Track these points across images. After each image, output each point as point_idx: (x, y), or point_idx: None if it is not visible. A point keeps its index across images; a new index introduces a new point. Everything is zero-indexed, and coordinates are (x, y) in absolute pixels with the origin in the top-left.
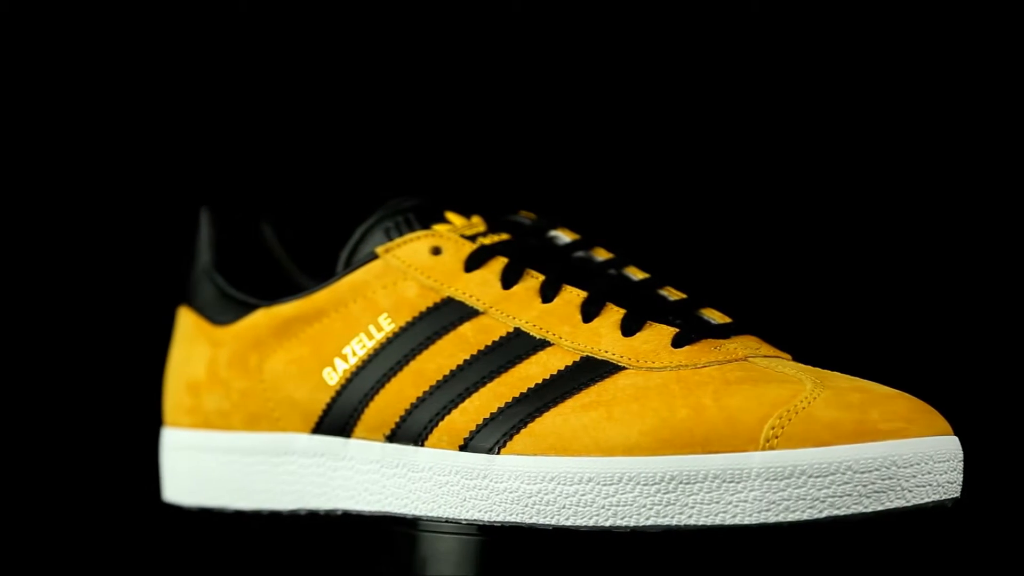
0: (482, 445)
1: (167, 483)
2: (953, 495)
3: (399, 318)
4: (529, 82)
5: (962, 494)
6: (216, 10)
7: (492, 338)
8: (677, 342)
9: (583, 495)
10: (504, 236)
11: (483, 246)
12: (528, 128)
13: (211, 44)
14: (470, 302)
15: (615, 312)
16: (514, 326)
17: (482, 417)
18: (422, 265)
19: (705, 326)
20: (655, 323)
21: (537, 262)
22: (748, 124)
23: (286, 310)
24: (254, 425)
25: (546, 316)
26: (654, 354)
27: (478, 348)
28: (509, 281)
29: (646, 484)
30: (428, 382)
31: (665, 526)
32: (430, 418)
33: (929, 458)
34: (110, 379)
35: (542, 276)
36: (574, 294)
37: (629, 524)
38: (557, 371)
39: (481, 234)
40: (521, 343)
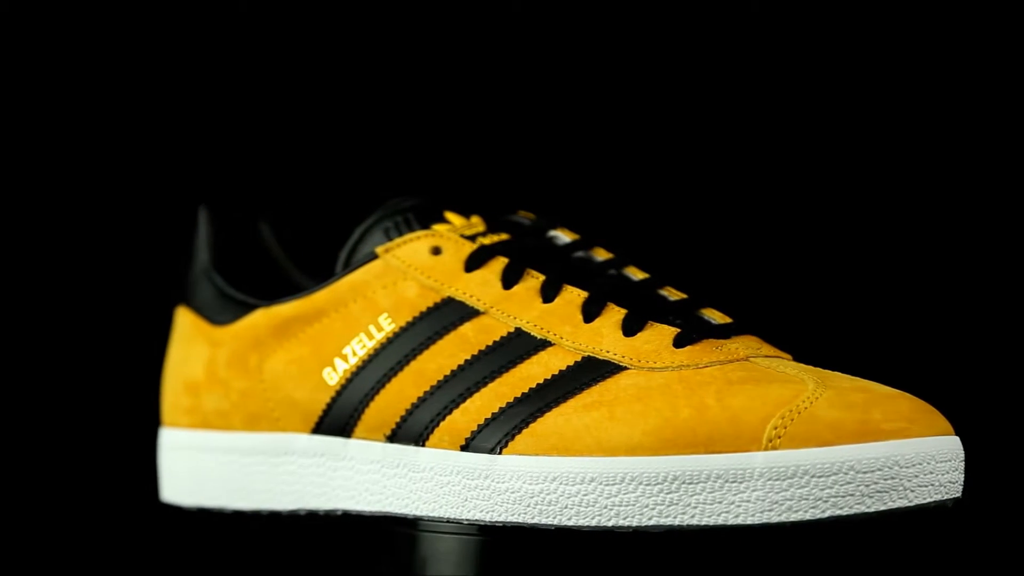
0: (484, 445)
1: (165, 483)
2: (954, 495)
3: (399, 318)
4: (527, 82)
5: (962, 494)
6: (214, 10)
7: (493, 338)
8: (679, 342)
9: (585, 495)
10: (503, 236)
11: (483, 246)
12: (526, 128)
13: (210, 44)
14: (471, 302)
15: (616, 312)
16: (515, 326)
17: (483, 417)
18: (422, 265)
19: (706, 326)
20: (656, 323)
21: (537, 262)
22: (747, 124)
23: (286, 310)
24: (254, 425)
25: (547, 316)
26: (656, 354)
27: (479, 348)
28: (509, 281)
29: (649, 484)
30: (429, 382)
31: (668, 526)
32: (431, 418)
33: (931, 458)
34: (108, 379)
35: (542, 276)
36: (575, 294)
37: (631, 524)
38: (559, 371)
39: (480, 234)
40: (522, 343)
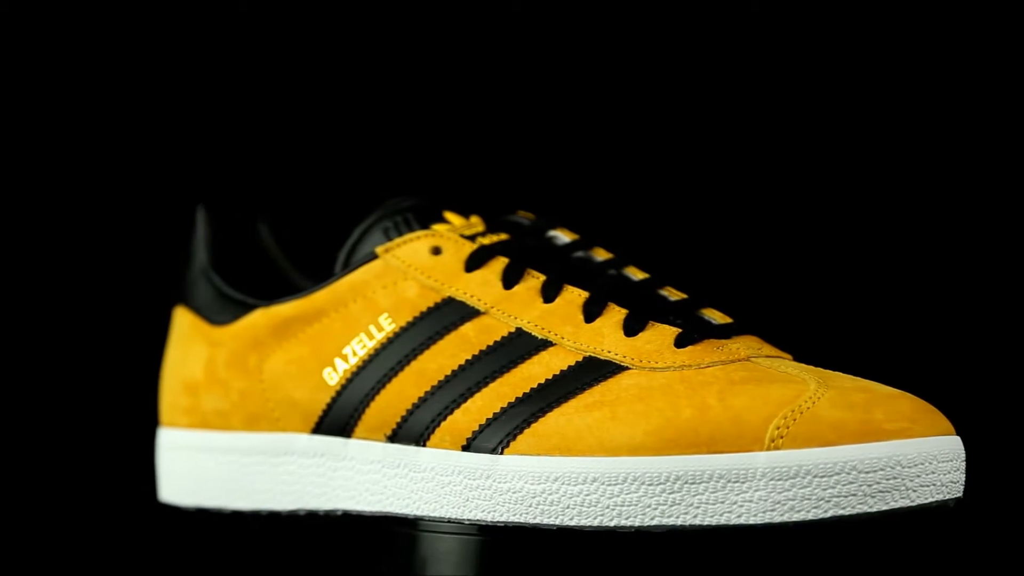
0: (485, 445)
1: (163, 483)
2: (956, 495)
3: (400, 318)
4: (524, 82)
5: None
6: (213, 10)
7: (494, 338)
8: (680, 342)
9: (587, 495)
10: (503, 236)
11: (483, 246)
12: (523, 128)
13: (208, 43)
14: (471, 302)
15: (617, 312)
16: (516, 326)
17: (485, 417)
18: (422, 265)
19: (706, 326)
20: (657, 323)
21: (537, 262)
22: (746, 124)
23: (285, 310)
24: (253, 425)
25: (548, 316)
26: (657, 354)
27: (480, 348)
28: (510, 281)
29: (651, 484)
30: (430, 382)
31: (670, 526)
32: (432, 418)
33: (933, 458)
34: (105, 379)
35: (543, 276)
36: (575, 294)
37: (634, 524)
38: (560, 371)
39: (480, 234)
40: (523, 343)
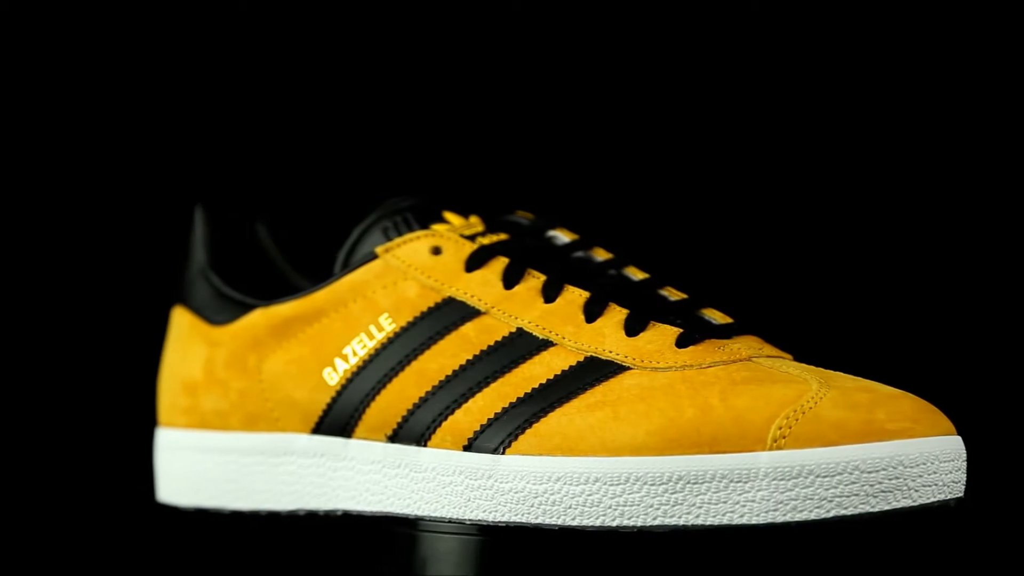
0: (487, 445)
1: (162, 483)
2: (957, 495)
3: (400, 318)
4: (523, 82)
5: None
6: (211, 9)
7: (495, 338)
8: (681, 342)
9: (590, 495)
10: (502, 236)
11: (484, 246)
12: (520, 128)
13: (205, 43)
14: (471, 302)
15: (618, 312)
16: (517, 326)
17: (486, 417)
18: (422, 265)
19: (707, 326)
20: (658, 323)
21: (537, 262)
22: (745, 124)
23: (285, 310)
24: (253, 425)
25: (549, 316)
26: (659, 354)
27: (480, 348)
28: (511, 281)
29: (653, 484)
30: (430, 382)
31: (672, 526)
32: (433, 418)
33: (935, 458)
34: (103, 379)
35: (543, 276)
36: (576, 294)
37: (636, 524)
38: (561, 371)
39: (480, 234)
40: (524, 343)
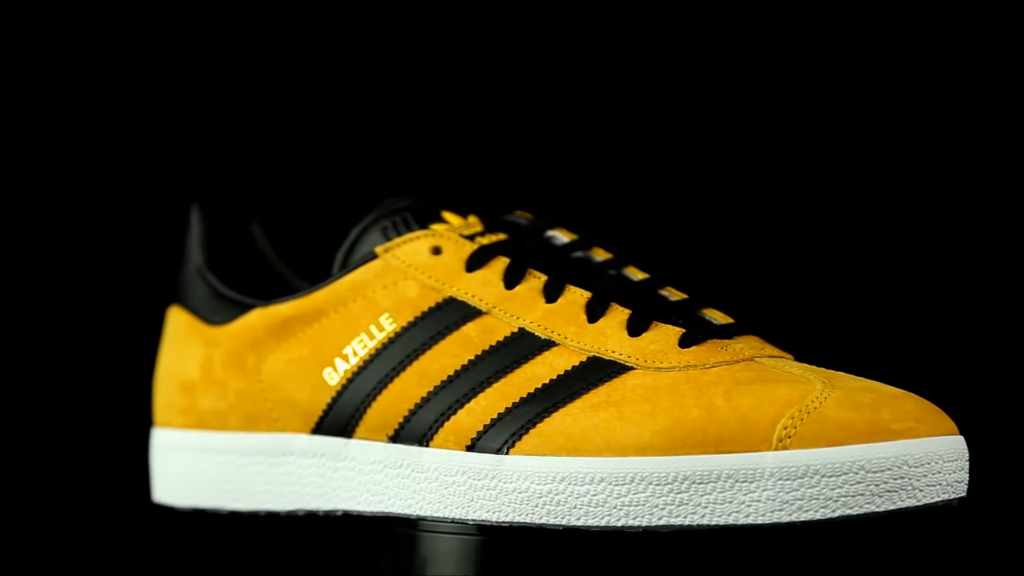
0: (490, 445)
1: (158, 484)
2: (960, 494)
3: (400, 318)
4: (517, 81)
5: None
6: (208, 8)
7: (496, 338)
8: (684, 342)
9: (595, 495)
10: (501, 236)
11: (484, 246)
12: (517, 128)
13: (203, 42)
14: (472, 302)
15: (620, 312)
16: (518, 326)
17: (489, 417)
18: (423, 265)
19: (709, 326)
20: (660, 323)
21: (538, 262)
22: (744, 124)
23: (284, 310)
24: (251, 426)
25: (551, 316)
26: (662, 354)
27: (482, 348)
28: (512, 281)
29: (659, 484)
30: (432, 382)
31: (678, 526)
32: (435, 418)
33: (939, 457)
34: (97, 379)
35: (544, 276)
36: (578, 294)
37: (641, 524)
38: (564, 371)
39: (479, 234)
40: (526, 343)
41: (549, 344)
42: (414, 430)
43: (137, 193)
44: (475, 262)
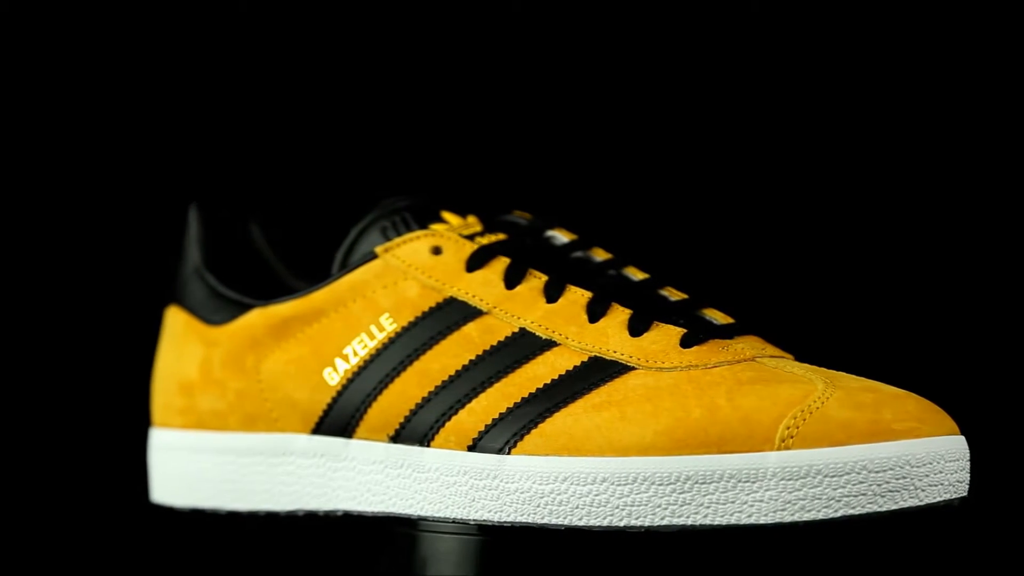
0: (492, 445)
1: (156, 484)
2: (961, 494)
3: (401, 318)
4: (520, 81)
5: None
6: (206, 8)
7: (497, 338)
8: (685, 342)
9: (597, 495)
10: (501, 236)
11: (484, 246)
12: (514, 127)
13: (201, 42)
14: (473, 302)
15: (621, 312)
16: (519, 326)
17: (491, 417)
18: (423, 265)
19: (710, 326)
20: (661, 323)
21: (538, 262)
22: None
23: (283, 310)
24: (251, 426)
25: (552, 316)
26: (663, 354)
27: (483, 348)
28: (512, 281)
29: (661, 484)
30: (433, 382)
31: (680, 526)
32: (436, 418)
33: (941, 457)
34: (94, 380)
35: (545, 276)
36: (578, 294)
37: (644, 524)
38: (565, 371)
39: (478, 234)
40: (527, 343)
41: (550, 344)
42: (415, 430)
43: (135, 193)
44: (475, 262)
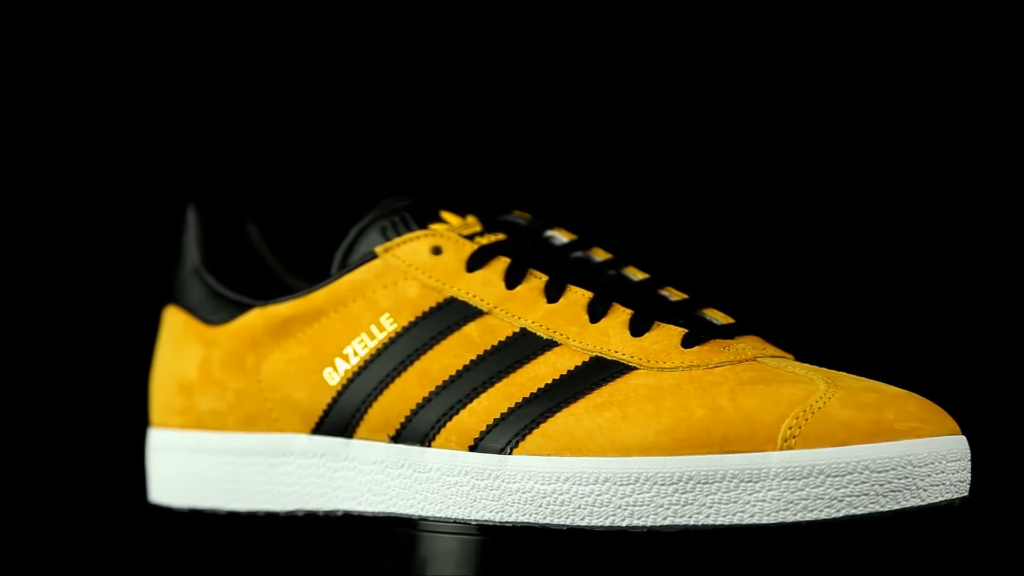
0: (493, 445)
1: (154, 484)
2: (963, 494)
3: (401, 318)
4: (519, 81)
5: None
6: (206, 8)
7: (498, 338)
8: (687, 342)
9: (599, 495)
10: (500, 236)
11: (484, 246)
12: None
13: (200, 42)
14: (473, 302)
15: (622, 312)
16: (520, 326)
17: (492, 417)
18: (423, 265)
19: (710, 327)
20: (662, 323)
21: (538, 262)
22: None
23: (283, 310)
24: (250, 426)
25: (552, 316)
26: (665, 354)
27: (484, 348)
28: (513, 281)
29: (663, 484)
30: (434, 382)
31: (682, 526)
32: (437, 418)
33: (942, 457)
34: (95, 379)
35: (545, 276)
36: (579, 294)
37: (646, 524)
38: (567, 371)
39: (478, 234)
40: (528, 343)
41: (551, 344)
42: (416, 430)
43: (134, 193)
44: (476, 262)
